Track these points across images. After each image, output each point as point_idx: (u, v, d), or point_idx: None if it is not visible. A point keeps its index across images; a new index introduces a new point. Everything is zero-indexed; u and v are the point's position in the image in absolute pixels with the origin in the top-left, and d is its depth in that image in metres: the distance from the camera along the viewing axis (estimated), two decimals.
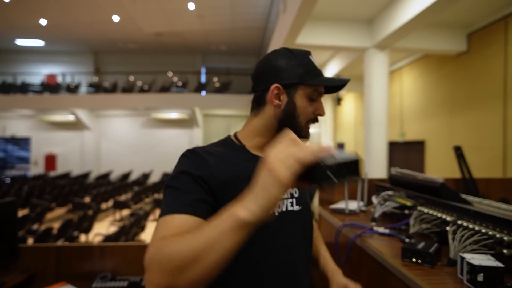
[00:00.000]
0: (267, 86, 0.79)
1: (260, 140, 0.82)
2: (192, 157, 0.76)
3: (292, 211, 0.79)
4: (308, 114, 0.80)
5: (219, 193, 0.70)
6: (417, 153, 6.65)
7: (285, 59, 0.80)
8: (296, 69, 0.78)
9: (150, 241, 0.59)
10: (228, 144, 0.83)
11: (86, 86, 12.37)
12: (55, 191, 7.94)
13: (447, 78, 5.82)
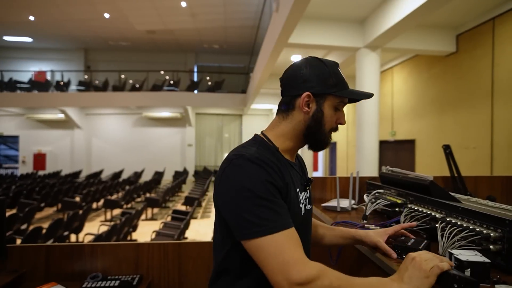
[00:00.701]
0: (298, 92, 0.83)
1: (289, 144, 0.87)
2: (265, 166, 0.74)
3: (309, 210, 0.89)
4: (332, 123, 0.88)
5: (285, 197, 0.78)
6: (407, 152, 6.76)
7: (317, 68, 0.84)
8: (327, 80, 0.84)
9: (284, 258, 0.64)
10: (264, 146, 0.83)
11: (76, 84, 12.19)
12: (44, 190, 7.81)
13: (436, 78, 5.92)
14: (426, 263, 0.70)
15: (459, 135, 5.26)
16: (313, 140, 0.87)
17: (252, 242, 0.66)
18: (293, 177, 0.84)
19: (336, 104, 0.86)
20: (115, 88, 11.82)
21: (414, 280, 0.68)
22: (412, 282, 0.68)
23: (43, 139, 12.94)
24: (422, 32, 5.28)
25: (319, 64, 0.84)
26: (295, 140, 0.87)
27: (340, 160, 10.62)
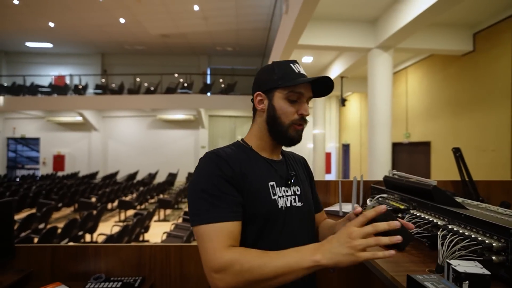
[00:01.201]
0: (252, 95, 0.93)
1: (261, 142, 0.93)
2: (215, 159, 0.83)
3: (295, 206, 0.90)
4: (289, 115, 0.88)
5: (241, 187, 0.81)
6: (422, 155, 6.56)
7: (265, 68, 0.93)
8: (272, 76, 0.89)
9: (206, 247, 0.71)
10: (238, 145, 0.94)
11: (93, 88, 12.54)
12: (62, 191, 8.05)
13: (452, 78, 5.73)
14: (359, 241, 0.63)
15: (477, 137, 5.07)
16: (275, 135, 0.90)
17: (193, 230, 0.76)
18: (265, 170, 0.88)
19: (287, 95, 0.87)
20: (130, 91, 12.09)
21: (334, 255, 0.64)
22: (329, 255, 0.65)
23: (62, 141, 13.38)
24: (436, 31, 5.13)
25: (268, 66, 0.92)
26: (264, 138, 0.92)
27: (354, 162, 10.45)
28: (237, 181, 0.80)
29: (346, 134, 11.41)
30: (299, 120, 0.88)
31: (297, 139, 0.91)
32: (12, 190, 8.30)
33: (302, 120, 0.89)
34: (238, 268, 0.66)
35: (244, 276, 0.66)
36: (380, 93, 5.00)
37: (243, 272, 0.66)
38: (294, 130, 0.89)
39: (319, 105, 9.60)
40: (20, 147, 13.85)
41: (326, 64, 8.36)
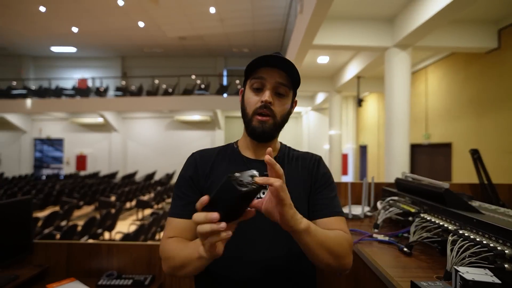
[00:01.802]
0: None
1: (244, 141, 0.93)
2: (188, 160, 0.92)
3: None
4: (253, 104, 0.84)
5: (202, 187, 0.86)
6: (443, 156, 6.33)
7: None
8: (245, 71, 0.88)
9: (162, 236, 0.84)
10: (227, 145, 0.96)
11: (114, 90, 12.93)
12: (83, 190, 8.35)
13: (475, 77, 5.50)
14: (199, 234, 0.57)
15: (501, 138, 4.83)
16: (246, 128, 0.88)
17: None
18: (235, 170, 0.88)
19: (251, 84, 0.85)
20: (149, 93, 12.37)
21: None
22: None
23: (84, 141, 13.87)
24: (458, 28, 4.94)
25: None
26: (246, 136, 0.91)
27: (371, 164, 10.22)
28: (197, 182, 0.86)
29: (363, 135, 11.18)
30: (261, 108, 0.81)
31: (261, 131, 0.83)
32: (37, 189, 8.68)
33: (265, 109, 0.81)
34: (164, 256, 0.77)
35: (169, 263, 0.75)
36: (398, 93, 4.86)
37: (167, 259, 0.76)
38: (257, 121, 0.83)
39: (335, 106, 9.46)
40: (46, 147, 14.46)
41: (341, 65, 8.24)
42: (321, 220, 0.86)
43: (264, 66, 0.83)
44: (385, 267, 0.93)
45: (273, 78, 0.82)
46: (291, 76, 0.84)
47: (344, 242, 0.77)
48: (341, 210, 0.88)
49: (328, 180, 0.92)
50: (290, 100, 0.88)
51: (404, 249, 1.03)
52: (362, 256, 1.08)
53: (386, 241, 1.14)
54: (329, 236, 0.73)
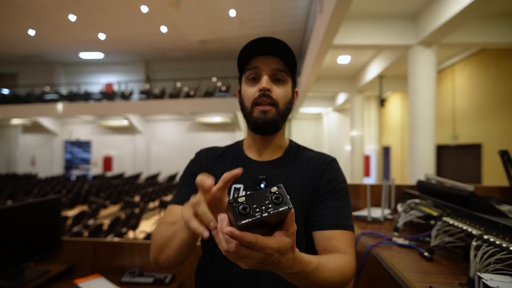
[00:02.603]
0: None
1: (248, 140, 0.88)
2: (196, 156, 0.92)
3: None
4: (251, 96, 0.78)
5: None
6: (472, 158, 6.03)
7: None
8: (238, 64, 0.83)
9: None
10: (233, 144, 0.93)
11: (138, 93, 13.37)
12: (109, 190, 8.67)
13: (507, 74, 5.20)
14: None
15: None
16: (247, 123, 0.82)
17: None
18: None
19: (246, 76, 0.79)
20: (171, 96, 12.68)
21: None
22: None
23: (110, 143, 14.42)
24: (488, 23, 4.69)
25: None
26: (249, 134, 0.87)
27: (395, 166, 9.91)
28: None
29: (386, 136, 10.87)
30: (259, 97, 0.76)
31: (263, 121, 0.76)
32: (67, 189, 9.13)
33: (265, 97, 0.75)
34: (152, 237, 0.76)
35: (154, 243, 0.74)
36: (422, 92, 4.69)
37: (154, 239, 0.75)
38: (257, 111, 0.77)
39: (357, 106, 9.27)
40: (75, 149, 15.16)
41: (363, 64, 8.06)
42: (319, 232, 0.74)
43: (257, 56, 0.77)
44: (404, 272, 0.90)
45: (268, 65, 0.77)
46: (287, 61, 0.77)
47: (346, 270, 0.65)
48: (348, 224, 0.75)
49: (335, 187, 0.79)
50: (290, 87, 0.81)
51: (425, 254, 1.00)
52: (381, 260, 1.05)
53: (406, 245, 1.11)
54: (330, 268, 0.60)
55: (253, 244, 0.41)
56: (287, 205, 0.41)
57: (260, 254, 0.43)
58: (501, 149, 1.61)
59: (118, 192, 8.26)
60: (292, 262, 0.47)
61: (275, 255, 0.43)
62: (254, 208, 0.40)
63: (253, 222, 0.39)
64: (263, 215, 0.40)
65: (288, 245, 0.44)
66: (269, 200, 0.41)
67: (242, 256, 0.43)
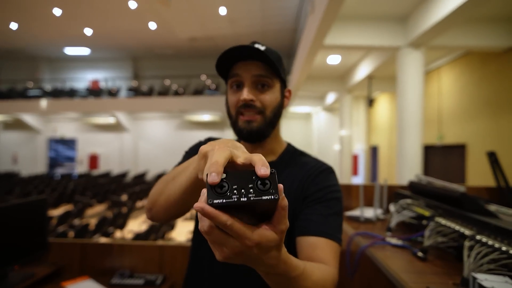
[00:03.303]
0: None
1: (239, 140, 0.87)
2: (196, 144, 0.88)
3: None
4: (233, 104, 0.76)
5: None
6: (457, 158, 6.19)
7: None
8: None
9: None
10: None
11: (125, 90, 13.14)
12: (96, 188, 8.50)
13: (492, 76, 5.36)
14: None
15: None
16: (232, 129, 0.80)
17: None
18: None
19: (230, 83, 0.76)
20: (160, 93, 12.53)
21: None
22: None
23: (97, 141, 14.13)
24: (474, 26, 4.82)
25: None
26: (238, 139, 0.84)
27: (382, 165, 10.08)
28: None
29: (374, 136, 11.04)
30: (242, 107, 0.74)
31: (248, 131, 0.74)
32: (52, 187, 8.89)
33: (247, 107, 0.73)
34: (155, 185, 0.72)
35: (151, 192, 0.70)
36: (410, 93, 4.78)
37: (156, 185, 0.70)
38: (242, 121, 0.75)
39: (346, 106, 9.37)
40: (60, 147, 14.78)
41: (353, 64, 8.15)
42: (303, 238, 0.69)
43: (237, 62, 0.74)
44: (400, 272, 0.91)
45: (249, 72, 0.73)
46: (271, 64, 0.72)
47: (329, 282, 0.60)
48: (336, 235, 0.71)
49: (327, 194, 0.75)
50: (278, 90, 0.77)
51: (418, 254, 1.01)
52: (375, 260, 1.06)
53: (399, 245, 1.12)
54: (314, 279, 0.54)
55: (228, 227, 0.34)
56: (273, 195, 0.33)
57: (237, 243, 0.36)
58: (489, 151, 1.65)
59: (104, 191, 8.10)
60: (276, 261, 0.41)
61: (255, 249, 0.37)
62: (233, 188, 0.33)
63: (227, 205, 0.33)
64: (241, 200, 0.33)
65: (272, 242, 0.37)
66: (253, 185, 0.34)
67: (215, 241, 0.37)
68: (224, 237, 0.36)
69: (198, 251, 0.84)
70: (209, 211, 0.33)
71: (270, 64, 0.72)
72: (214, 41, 11.77)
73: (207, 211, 0.33)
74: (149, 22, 9.98)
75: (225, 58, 0.72)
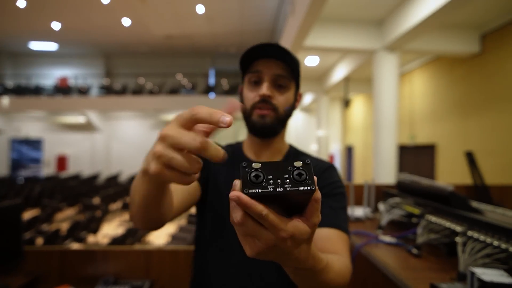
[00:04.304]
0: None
1: (247, 140, 0.87)
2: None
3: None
4: (251, 99, 0.79)
5: (202, 176, 0.81)
6: (427, 157, 6.52)
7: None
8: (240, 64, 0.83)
9: None
10: (234, 145, 0.91)
11: (97, 88, 12.59)
12: (65, 191, 8.07)
13: (460, 80, 5.69)
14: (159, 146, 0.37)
15: (484, 140, 5.02)
16: (246, 125, 0.82)
17: None
18: (228, 175, 0.83)
19: (249, 78, 0.79)
20: (134, 92, 12.12)
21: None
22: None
23: (65, 141, 13.42)
24: (444, 32, 5.09)
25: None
26: (248, 134, 0.86)
27: (357, 165, 10.40)
28: (206, 168, 0.82)
29: (349, 136, 11.36)
30: (259, 102, 0.77)
31: (261, 125, 0.78)
32: (16, 191, 8.32)
33: (264, 103, 0.76)
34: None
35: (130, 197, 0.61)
36: (386, 95, 4.97)
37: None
38: (256, 115, 0.78)
39: (323, 107, 9.57)
40: (24, 148, 13.89)
41: (330, 66, 8.34)
42: (317, 230, 0.72)
43: (260, 58, 0.77)
44: (399, 269, 0.93)
45: (271, 70, 0.76)
46: (291, 66, 0.78)
47: (347, 272, 0.62)
48: (345, 226, 0.74)
49: (333, 189, 0.79)
50: (293, 92, 0.81)
51: (413, 251, 1.04)
52: (371, 258, 1.08)
53: (393, 242, 1.15)
54: (336, 270, 0.55)
55: (263, 218, 0.33)
56: (309, 186, 0.32)
57: (271, 236, 0.35)
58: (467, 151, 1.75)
59: (75, 194, 7.71)
60: (306, 255, 0.40)
61: (288, 241, 0.35)
62: (268, 179, 0.33)
63: (263, 195, 0.32)
64: (277, 190, 0.32)
65: (305, 234, 0.36)
66: (289, 175, 0.33)
67: (248, 233, 0.35)
68: (258, 228, 0.34)
69: (205, 255, 0.83)
70: (246, 200, 0.32)
71: (291, 65, 0.77)
72: (191, 39, 11.58)
73: (243, 200, 0.32)
74: (123, 18, 9.63)
75: (248, 54, 0.76)
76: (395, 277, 0.92)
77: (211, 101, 11.89)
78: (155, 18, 9.58)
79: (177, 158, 0.35)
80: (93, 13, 9.33)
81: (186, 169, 0.36)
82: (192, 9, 8.88)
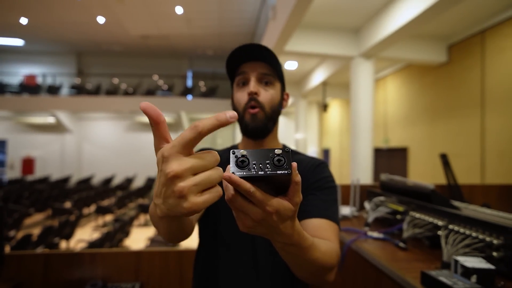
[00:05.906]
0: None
1: (242, 143, 0.90)
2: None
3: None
4: (241, 100, 0.82)
5: None
6: (400, 160, 6.85)
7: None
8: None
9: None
10: (229, 149, 0.92)
11: (68, 88, 12.04)
12: (33, 196, 7.64)
13: (428, 87, 6.05)
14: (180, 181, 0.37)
15: (450, 143, 5.37)
16: (240, 128, 0.85)
17: None
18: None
19: (237, 80, 0.84)
20: (108, 93, 11.72)
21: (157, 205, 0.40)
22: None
23: (32, 143, 12.70)
24: (415, 42, 5.41)
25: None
26: (243, 137, 0.89)
27: (334, 167, 10.70)
28: None
29: (326, 139, 11.67)
30: (249, 101, 0.80)
31: (253, 126, 0.80)
32: None
33: (253, 101, 0.80)
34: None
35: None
36: (363, 100, 5.18)
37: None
38: (248, 115, 0.81)
39: (302, 110, 9.77)
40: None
41: (308, 70, 8.55)
42: (309, 220, 0.75)
43: (246, 61, 0.82)
44: (389, 261, 1.00)
45: (255, 69, 0.81)
46: (276, 67, 0.82)
47: (334, 255, 0.65)
48: (336, 217, 0.78)
49: (325, 183, 0.83)
50: (278, 90, 0.85)
51: (400, 245, 1.12)
52: (361, 252, 1.15)
53: (381, 238, 1.23)
54: (322, 250, 0.59)
55: (251, 194, 0.38)
56: (286, 170, 0.38)
57: (258, 211, 0.40)
58: (441, 153, 1.88)
59: (44, 198, 7.32)
60: (291, 230, 0.45)
61: (274, 216, 0.41)
62: (253, 164, 0.39)
63: (248, 176, 0.38)
64: (259, 173, 0.38)
65: (289, 211, 0.42)
66: (270, 161, 0.39)
67: (239, 208, 0.41)
68: (247, 204, 0.40)
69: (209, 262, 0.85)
70: (235, 179, 0.37)
71: (276, 66, 0.82)
72: (169, 40, 11.41)
73: (233, 179, 0.37)
74: (97, 15, 9.31)
75: (234, 57, 0.80)
76: (387, 268, 0.99)
77: (189, 103, 11.76)
78: (132, 17, 9.36)
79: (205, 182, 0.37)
80: (64, 9, 8.95)
81: (212, 184, 0.38)
82: (170, 10, 8.77)
